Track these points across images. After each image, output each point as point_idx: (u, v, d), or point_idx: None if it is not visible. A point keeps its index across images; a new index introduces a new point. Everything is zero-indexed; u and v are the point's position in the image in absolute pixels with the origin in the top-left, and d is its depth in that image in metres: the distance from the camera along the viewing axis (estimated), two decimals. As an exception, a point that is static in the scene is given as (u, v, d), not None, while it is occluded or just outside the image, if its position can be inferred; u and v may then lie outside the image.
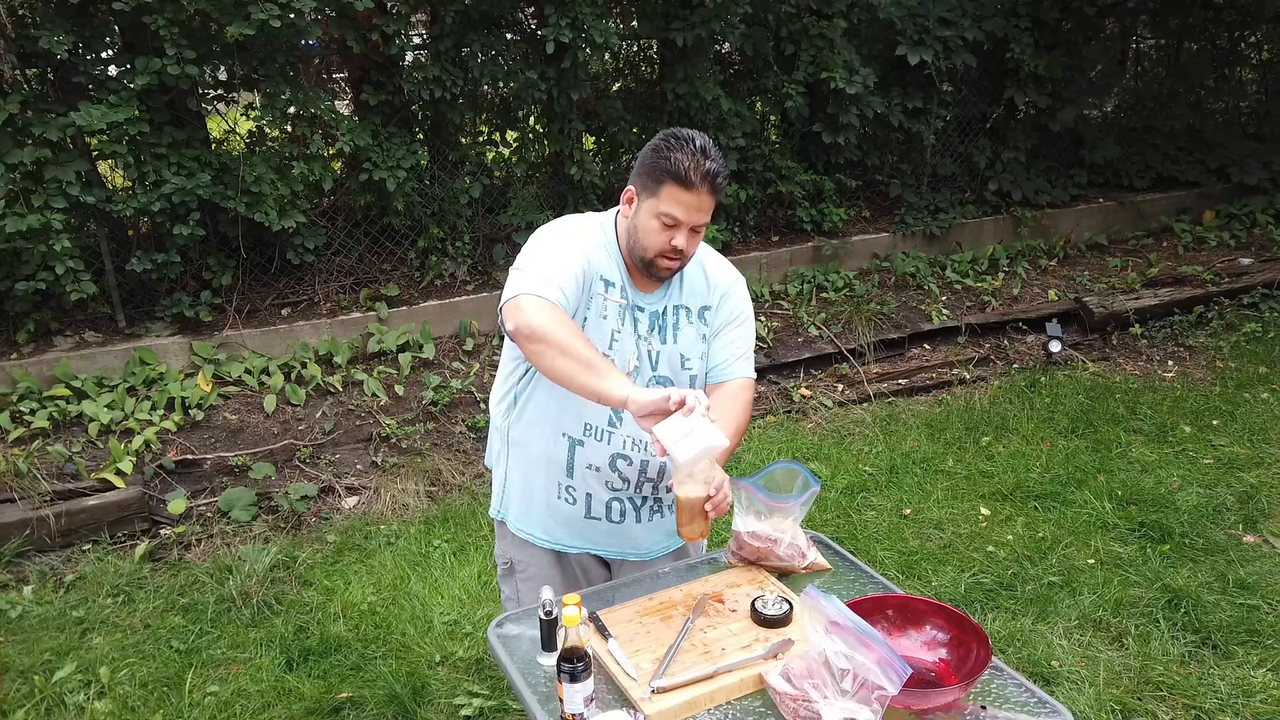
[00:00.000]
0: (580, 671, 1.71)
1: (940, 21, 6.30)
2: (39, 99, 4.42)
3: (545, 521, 2.27)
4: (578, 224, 2.15)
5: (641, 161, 2.06)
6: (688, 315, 2.20)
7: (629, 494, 2.23)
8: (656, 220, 2.01)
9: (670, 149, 1.98)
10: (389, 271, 5.56)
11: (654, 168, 2.01)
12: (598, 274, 2.09)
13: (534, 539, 2.30)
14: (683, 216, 2.00)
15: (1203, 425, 4.93)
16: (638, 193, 2.06)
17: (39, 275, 4.48)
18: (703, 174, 1.97)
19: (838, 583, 2.22)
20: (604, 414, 2.13)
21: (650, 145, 2.05)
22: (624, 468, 2.18)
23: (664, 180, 1.99)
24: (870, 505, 4.30)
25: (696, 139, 1.99)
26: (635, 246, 2.08)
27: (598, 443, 2.16)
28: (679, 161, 1.96)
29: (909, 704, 1.71)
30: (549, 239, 2.09)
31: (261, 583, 3.74)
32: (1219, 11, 7.85)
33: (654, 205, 2.01)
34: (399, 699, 3.11)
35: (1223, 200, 7.51)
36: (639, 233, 2.06)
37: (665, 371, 2.18)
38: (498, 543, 2.42)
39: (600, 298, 2.10)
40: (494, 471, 2.36)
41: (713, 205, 2.03)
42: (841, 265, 6.37)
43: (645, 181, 2.03)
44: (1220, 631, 3.32)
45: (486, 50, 5.29)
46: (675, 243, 2.02)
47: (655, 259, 2.06)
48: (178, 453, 4.36)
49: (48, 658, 3.34)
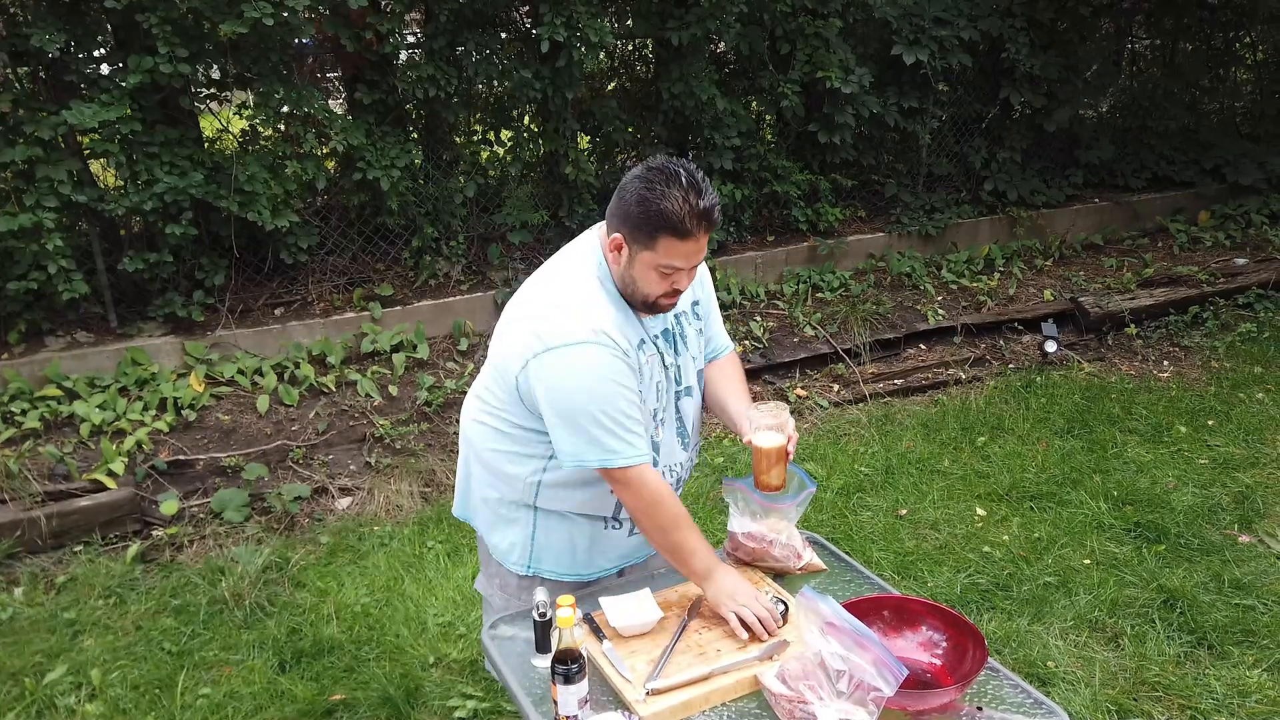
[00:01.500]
0: (575, 673, 1.70)
1: (936, 21, 6.30)
2: (30, 97, 4.39)
3: (587, 557, 2.21)
4: (589, 314, 1.94)
5: (625, 209, 1.90)
6: (688, 319, 2.21)
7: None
8: (655, 272, 1.92)
9: (658, 197, 1.84)
10: (383, 271, 5.54)
11: (645, 220, 1.86)
12: (632, 346, 2.01)
13: (575, 578, 2.22)
14: (683, 264, 1.92)
15: (1198, 425, 4.93)
16: (628, 243, 1.92)
17: (30, 275, 4.45)
18: (697, 217, 1.85)
19: (834, 583, 2.21)
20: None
21: (634, 190, 1.88)
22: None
23: (658, 234, 1.87)
24: (866, 506, 4.29)
25: (683, 175, 1.85)
26: (635, 294, 1.99)
27: None
28: (671, 213, 1.83)
29: (905, 705, 1.71)
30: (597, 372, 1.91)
31: (254, 584, 3.72)
32: (1214, 12, 7.86)
33: (651, 259, 1.90)
34: (392, 701, 3.09)
35: (1218, 200, 7.52)
36: (637, 284, 1.96)
37: (688, 380, 2.19)
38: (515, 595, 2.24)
39: (643, 364, 2.04)
40: (501, 527, 2.22)
41: (707, 240, 1.94)
42: (837, 265, 6.36)
43: (636, 234, 1.89)
44: (1216, 632, 3.31)
45: (481, 49, 5.27)
46: (677, 286, 1.97)
47: (657, 301, 1.99)
48: (170, 453, 4.34)
49: (38, 660, 3.32)
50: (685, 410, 2.19)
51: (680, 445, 2.20)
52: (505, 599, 2.26)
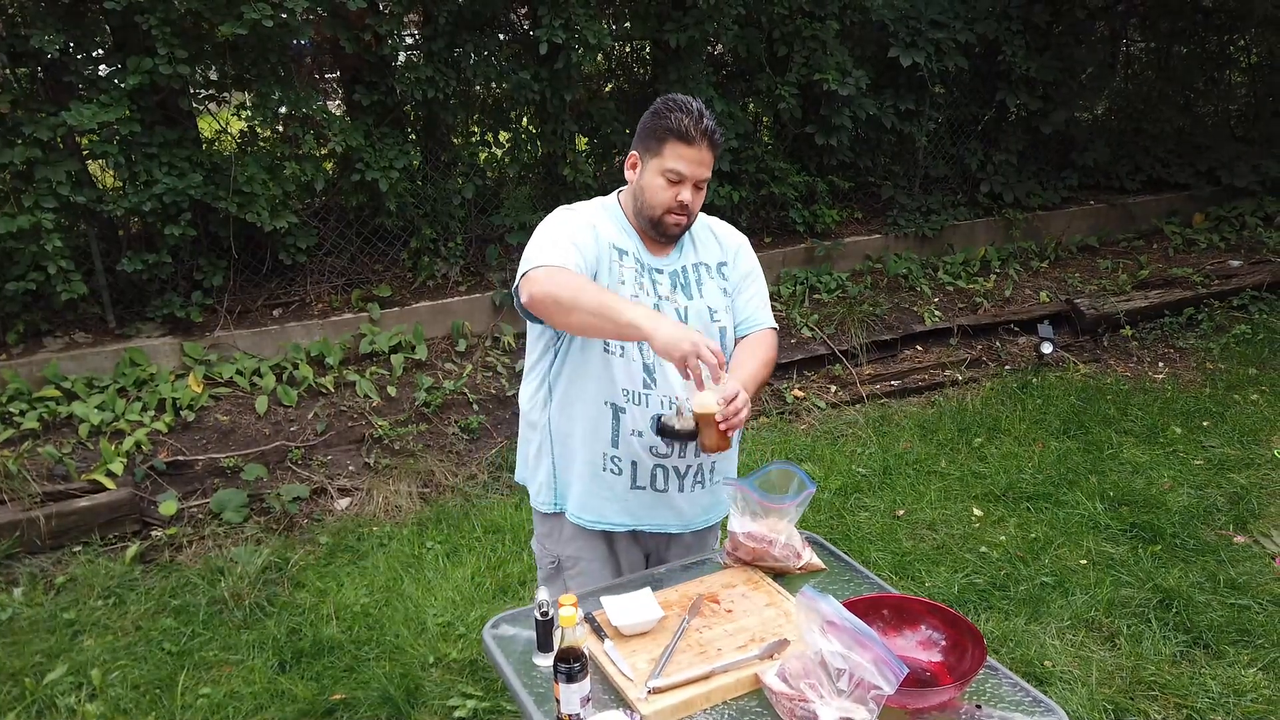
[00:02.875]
0: (577, 672, 1.71)
1: (932, 24, 6.32)
2: (29, 98, 4.39)
3: (592, 500, 2.29)
4: (579, 206, 2.27)
5: (642, 126, 2.18)
6: (708, 271, 2.31)
7: (673, 461, 2.27)
8: (662, 178, 2.13)
9: (669, 110, 2.12)
10: (381, 272, 5.54)
11: (655, 129, 2.14)
12: (608, 243, 2.19)
13: (582, 521, 2.32)
14: (686, 171, 2.12)
15: (1193, 426, 4.96)
16: (641, 156, 2.19)
17: (29, 275, 4.45)
18: (702, 130, 2.11)
19: (833, 583, 2.22)
20: (638, 377, 2.19)
21: (649, 111, 2.17)
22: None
23: (666, 139, 2.12)
24: (863, 506, 4.31)
25: (693, 102, 2.13)
26: (643, 207, 2.19)
27: (637, 406, 2.20)
28: (679, 120, 2.10)
29: (905, 703, 1.72)
30: (552, 223, 2.19)
31: (253, 584, 3.73)
32: (1208, 15, 7.89)
33: (659, 164, 2.14)
34: (392, 700, 3.10)
35: (1212, 203, 7.55)
36: (645, 192, 2.17)
37: (696, 325, 2.24)
38: (541, 542, 2.42)
39: (616, 265, 2.19)
40: (535, 471, 2.38)
41: (712, 161, 2.16)
42: (834, 267, 6.38)
43: (648, 143, 2.16)
44: (1211, 631, 3.33)
45: (479, 51, 5.28)
46: (681, 198, 2.14)
47: (663, 216, 2.17)
48: (169, 454, 4.34)
49: (38, 660, 3.32)
50: None
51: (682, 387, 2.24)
52: (539, 547, 2.43)
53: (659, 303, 2.21)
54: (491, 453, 4.72)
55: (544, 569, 2.44)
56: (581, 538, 2.34)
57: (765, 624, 2.02)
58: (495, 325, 5.43)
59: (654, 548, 2.43)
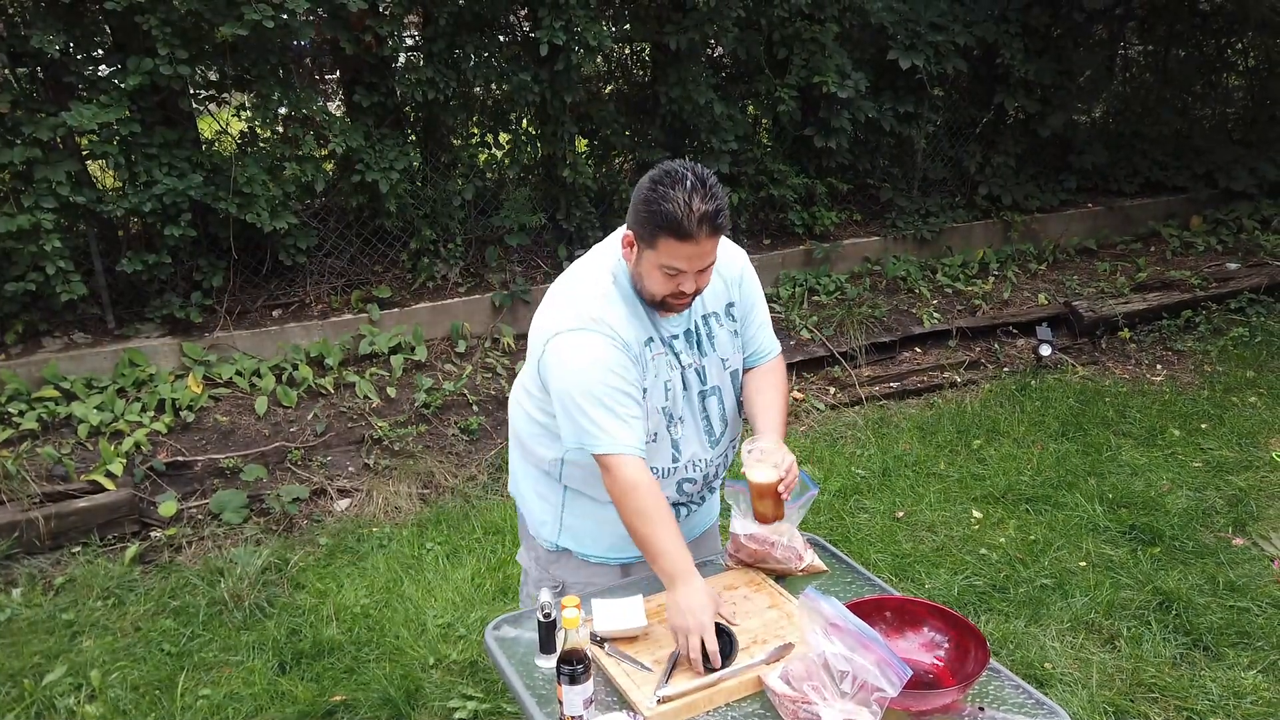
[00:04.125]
0: (580, 673, 1.71)
1: (931, 26, 6.33)
2: (29, 98, 4.39)
3: (618, 542, 2.24)
4: (593, 309, 2.02)
5: (634, 207, 1.95)
6: (718, 320, 2.22)
7: (695, 499, 2.32)
8: (659, 272, 1.95)
9: (660, 198, 1.86)
10: (381, 273, 5.54)
11: (648, 219, 1.90)
12: (638, 342, 2.05)
13: (606, 560, 2.30)
14: (684, 267, 1.93)
15: (1191, 429, 4.97)
16: (636, 240, 1.98)
17: (29, 276, 4.44)
18: (699, 220, 1.85)
19: (834, 585, 2.22)
20: (667, 454, 2.16)
21: (642, 187, 1.93)
22: (689, 487, 2.26)
23: (659, 234, 1.89)
24: (863, 508, 4.31)
25: (688, 177, 1.86)
26: (643, 291, 2.04)
27: (663, 479, 2.18)
28: (671, 213, 1.85)
29: (908, 705, 1.72)
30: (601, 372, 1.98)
31: (253, 585, 3.72)
32: (1206, 19, 7.91)
33: (654, 258, 1.94)
34: (393, 702, 3.10)
35: (1210, 206, 7.57)
36: (645, 280, 2.00)
37: (714, 380, 2.20)
38: (544, 566, 2.38)
39: (650, 361, 2.07)
40: (540, 503, 2.34)
41: (716, 244, 1.94)
42: (833, 268, 6.39)
43: (641, 233, 1.95)
44: (1211, 634, 3.34)
45: (480, 52, 5.28)
46: (683, 288, 1.97)
47: (665, 299, 2.02)
48: (168, 454, 4.33)
49: (37, 661, 3.31)
50: (711, 410, 2.21)
51: (708, 443, 2.23)
52: (539, 571, 2.40)
53: (684, 372, 2.14)
54: (491, 454, 4.72)
55: (532, 588, 2.41)
56: (590, 567, 2.33)
57: (767, 626, 2.02)
58: (495, 326, 5.43)
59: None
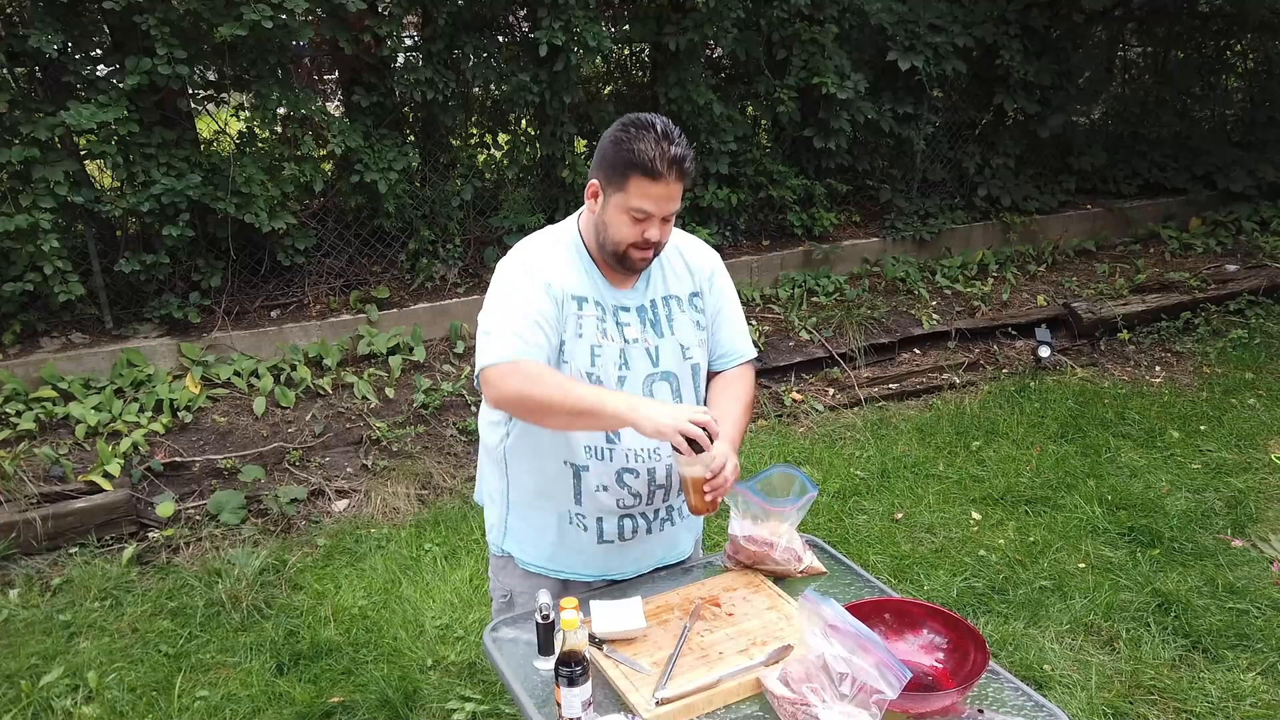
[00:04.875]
0: (579, 675, 1.71)
1: (931, 28, 6.33)
2: (27, 98, 4.38)
3: (556, 552, 2.16)
4: (531, 252, 2.04)
5: (601, 153, 1.95)
6: (679, 304, 2.14)
7: (640, 509, 2.13)
8: (626, 215, 1.93)
9: (630, 139, 1.89)
10: (379, 274, 5.54)
11: (617, 161, 1.91)
12: (567, 295, 2.00)
13: (545, 571, 2.19)
14: (653, 209, 1.92)
15: (1190, 430, 4.96)
16: (602, 187, 1.96)
17: (26, 276, 4.44)
18: (669, 161, 1.88)
19: (834, 586, 2.22)
20: (599, 434, 2.04)
21: (609, 135, 1.94)
22: (632, 481, 2.08)
23: (629, 174, 1.89)
24: (862, 509, 4.31)
25: (657, 124, 1.90)
26: (606, 242, 1.99)
27: (600, 462, 2.05)
28: (643, 152, 1.87)
29: (907, 707, 1.71)
30: (504, 287, 2.00)
31: (251, 586, 3.71)
32: (1205, 20, 7.92)
33: (622, 200, 1.92)
34: (390, 703, 3.09)
35: (1209, 207, 7.57)
36: (608, 228, 1.97)
37: (669, 365, 2.10)
38: (495, 574, 2.29)
39: (575, 317, 2.01)
40: (490, 505, 2.26)
41: (681, 191, 1.95)
42: (832, 270, 6.38)
43: (609, 175, 1.93)
44: (1210, 636, 3.34)
45: (479, 52, 5.28)
46: (648, 235, 1.95)
47: (627, 251, 1.97)
48: (166, 455, 4.33)
49: (34, 662, 3.31)
50: (659, 395, 2.10)
51: None
52: (493, 578, 2.31)
53: (625, 346, 2.04)
54: (489, 455, 4.71)
55: (496, 601, 2.30)
56: (531, 579, 2.19)
57: (766, 627, 2.02)
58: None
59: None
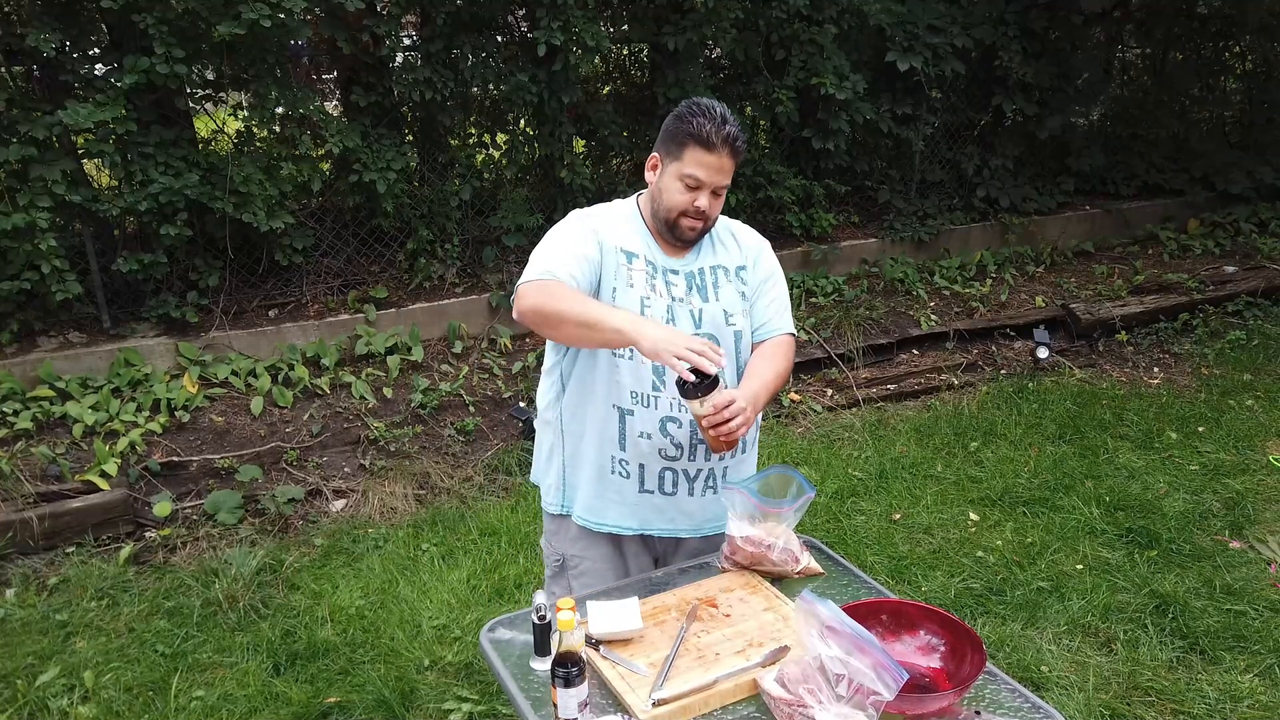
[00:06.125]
0: (575, 676, 1.70)
1: (930, 29, 6.33)
2: (25, 97, 4.38)
3: (599, 503, 2.29)
4: (594, 210, 2.27)
5: (665, 129, 2.19)
6: (725, 274, 2.29)
7: (682, 464, 2.25)
8: (680, 182, 2.14)
9: (692, 115, 2.12)
10: (377, 273, 5.53)
11: (677, 132, 2.14)
12: (617, 247, 2.19)
13: (589, 524, 2.31)
14: (705, 177, 2.12)
15: (1188, 432, 4.96)
16: (662, 158, 2.19)
17: (24, 275, 4.43)
18: (724, 137, 2.10)
19: (831, 587, 2.21)
20: (647, 380, 2.19)
21: (673, 113, 2.18)
22: (675, 431, 2.21)
23: (686, 143, 2.11)
24: (860, 510, 4.31)
25: (717, 107, 2.12)
26: (659, 209, 2.19)
27: (645, 409, 2.19)
28: (701, 125, 2.09)
29: (904, 709, 1.71)
30: (558, 232, 2.21)
31: (248, 586, 3.71)
32: (1204, 22, 7.92)
33: (678, 168, 2.14)
34: (387, 703, 3.08)
35: (1207, 209, 7.57)
36: (663, 194, 2.18)
37: (710, 329, 2.25)
38: (549, 539, 2.43)
39: (624, 268, 2.19)
40: (546, 471, 2.39)
41: (733, 168, 2.16)
42: (830, 270, 6.38)
43: (669, 146, 2.16)
44: (1208, 637, 3.33)
45: (477, 52, 5.28)
46: (698, 203, 2.14)
47: (679, 219, 2.17)
48: (163, 455, 4.32)
49: (30, 662, 3.30)
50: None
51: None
52: (547, 546, 2.44)
53: (673, 304, 2.21)
54: (487, 455, 4.71)
55: (550, 566, 2.44)
56: (586, 538, 2.33)
57: (764, 628, 2.01)
58: (491, 327, 5.42)
59: (663, 551, 2.41)
